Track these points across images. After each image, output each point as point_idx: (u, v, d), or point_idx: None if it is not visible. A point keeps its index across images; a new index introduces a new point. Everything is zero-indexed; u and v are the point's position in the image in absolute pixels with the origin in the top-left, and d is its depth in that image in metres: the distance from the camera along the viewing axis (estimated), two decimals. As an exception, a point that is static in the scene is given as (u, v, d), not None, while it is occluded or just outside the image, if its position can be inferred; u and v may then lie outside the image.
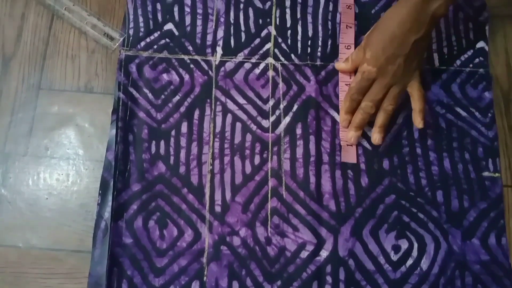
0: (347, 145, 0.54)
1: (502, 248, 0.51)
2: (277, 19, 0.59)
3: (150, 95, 0.56)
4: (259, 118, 0.55)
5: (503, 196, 0.53)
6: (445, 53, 0.58)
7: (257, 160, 0.54)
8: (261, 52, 0.58)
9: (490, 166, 0.54)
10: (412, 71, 0.53)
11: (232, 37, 0.58)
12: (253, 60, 0.57)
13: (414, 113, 0.53)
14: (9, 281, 0.50)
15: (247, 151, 0.54)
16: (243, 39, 0.58)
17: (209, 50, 0.58)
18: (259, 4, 0.60)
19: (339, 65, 0.56)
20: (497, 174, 0.54)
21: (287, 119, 0.55)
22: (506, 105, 0.57)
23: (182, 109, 0.56)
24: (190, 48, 0.58)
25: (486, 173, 0.54)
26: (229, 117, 0.55)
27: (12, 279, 0.50)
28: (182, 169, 0.53)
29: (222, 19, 0.59)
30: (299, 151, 0.54)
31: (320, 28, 0.59)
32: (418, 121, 0.53)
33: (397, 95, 0.53)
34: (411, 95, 0.54)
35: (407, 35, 0.50)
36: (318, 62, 0.57)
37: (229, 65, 0.57)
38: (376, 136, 0.53)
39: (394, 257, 0.51)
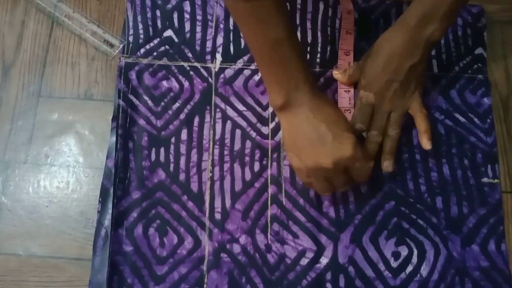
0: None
1: (501, 254, 0.51)
2: (276, 26, 0.59)
3: (150, 102, 0.56)
4: (258, 125, 0.55)
5: (502, 202, 0.53)
6: (443, 60, 0.58)
7: (256, 167, 0.54)
8: (260, 58, 0.58)
9: (489, 172, 0.54)
10: (410, 94, 0.52)
11: (231, 44, 0.59)
12: (253, 66, 0.58)
13: (420, 134, 0.53)
14: (9, 289, 0.50)
15: (247, 158, 0.54)
16: (242, 46, 0.58)
17: (208, 57, 0.58)
18: (258, 11, 0.60)
19: (336, 74, 0.56)
20: (496, 180, 0.54)
21: (287, 125, 0.55)
22: (504, 111, 0.57)
23: (182, 116, 0.56)
24: (190, 55, 0.58)
25: (485, 179, 0.54)
26: (228, 124, 0.55)
27: (13, 287, 0.50)
28: (182, 176, 0.54)
29: (221, 26, 0.59)
30: None
31: (319, 34, 0.59)
32: (425, 142, 0.52)
33: (398, 119, 0.53)
34: (414, 117, 0.53)
35: (401, 61, 0.50)
36: (318, 69, 0.58)
37: (229, 72, 0.57)
38: (387, 164, 0.53)
39: (394, 264, 0.51)
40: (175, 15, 0.60)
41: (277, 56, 0.45)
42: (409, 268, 0.51)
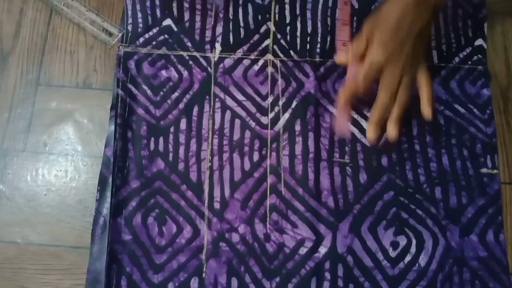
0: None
1: (500, 244, 0.52)
2: (276, 15, 0.59)
3: (149, 91, 0.56)
4: (258, 115, 0.55)
5: (501, 192, 0.53)
6: (443, 50, 0.58)
7: (256, 156, 0.54)
8: (260, 48, 0.58)
9: (488, 162, 0.54)
10: (419, 59, 0.52)
11: (231, 33, 0.58)
12: (252, 56, 0.57)
13: (422, 103, 0.52)
14: (7, 277, 0.50)
15: (246, 148, 0.54)
16: (242, 35, 0.58)
17: (208, 47, 0.58)
18: (258, 0, 0.60)
19: (339, 57, 0.56)
20: (495, 171, 0.54)
21: (286, 115, 0.55)
22: (504, 102, 0.57)
23: (181, 105, 0.55)
24: (189, 44, 0.58)
25: (484, 170, 0.54)
26: (228, 114, 0.55)
27: (11, 275, 0.50)
28: (181, 166, 0.53)
29: (221, 15, 0.59)
30: (298, 148, 0.54)
31: (319, 24, 0.59)
32: (426, 111, 0.52)
33: (409, 85, 0.52)
34: (420, 83, 0.53)
35: (412, 23, 0.50)
36: (317, 59, 0.57)
37: (228, 62, 0.57)
38: (392, 128, 0.52)
39: (393, 254, 0.51)
40: (174, 4, 0.59)
41: None
42: (408, 258, 0.51)
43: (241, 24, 0.59)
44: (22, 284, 0.50)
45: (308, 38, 0.58)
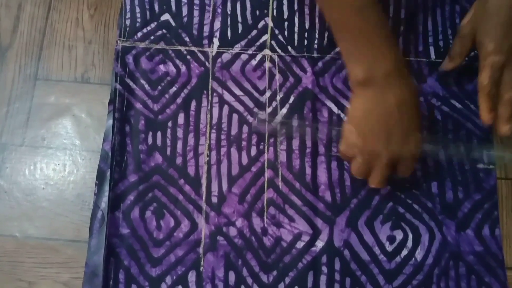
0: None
1: (495, 239, 0.52)
2: (274, 11, 0.59)
3: (147, 86, 0.56)
4: (255, 110, 0.56)
5: (497, 188, 0.54)
6: (441, 46, 0.58)
7: (253, 151, 0.54)
8: (258, 43, 0.58)
9: (484, 158, 0.54)
10: None
11: (229, 28, 0.58)
12: (250, 51, 0.57)
13: None
14: (6, 270, 0.51)
15: (244, 143, 0.54)
16: (240, 31, 0.58)
17: (206, 41, 0.58)
18: (256, -5, 0.60)
19: (447, 66, 0.54)
20: (491, 166, 0.54)
21: (284, 110, 0.55)
22: (501, 97, 0.57)
23: (179, 100, 0.56)
24: (187, 39, 0.58)
25: (480, 165, 0.54)
26: (225, 109, 0.56)
27: (9, 268, 0.51)
28: (178, 160, 0.54)
29: (219, 10, 0.59)
30: (295, 143, 0.54)
31: (317, 20, 0.59)
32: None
33: None
34: None
35: None
36: (315, 54, 0.58)
37: (226, 57, 0.57)
38: (507, 128, 0.48)
39: (389, 248, 0.51)
40: (173, -1, 0.60)
41: (360, 22, 0.43)
42: (404, 252, 0.51)
43: (239, 19, 0.59)
44: (20, 278, 0.50)
45: (306, 33, 0.59)
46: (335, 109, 0.56)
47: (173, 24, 0.58)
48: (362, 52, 0.44)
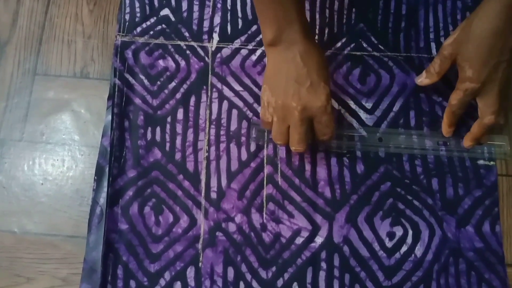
0: None
1: (496, 235, 0.52)
2: (274, 6, 0.59)
3: (146, 81, 0.56)
4: (255, 105, 0.55)
5: (497, 184, 0.53)
6: (442, 43, 0.58)
7: (253, 147, 0.54)
8: (258, 39, 0.58)
9: (485, 154, 0.54)
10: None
11: (229, 24, 0.58)
12: (250, 46, 0.57)
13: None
14: (4, 266, 0.50)
15: (243, 138, 0.54)
16: (240, 26, 0.58)
17: (205, 37, 0.58)
18: (256, -9, 0.59)
19: (422, 81, 0.54)
20: (492, 163, 0.54)
21: (284, 106, 0.55)
22: (502, 93, 0.57)
23: (178, 95, 0.55)
24: (187, 34, 0.58)
25: (481, 161, 0.54)
26: (225, 104, 0.55)
27: (8, 264, 0.50)
28: (178, 156, 0.53)
29: (219, 5, 0.59)
30: None
31: (317, 16, 0.59)
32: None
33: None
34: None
35: (505, 39, 0.47)
36: (315, 50, 0.57)
37: (226, 52, 0.57)
38: (470, 144, 0.54)
39: (389, 244, 0.51)
40: (172, -6, 0.59)
41: None
42: (404, 248, 0.51)
43: (239, 14, 0.58)
44: (18, 273, 0.50)
45: (306, 29, 0.58)
46: (335, 105, 0.55)
47: (173, 19, 0.58)
48: (275, 15, 0.46)
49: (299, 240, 0.51)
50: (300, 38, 0.47)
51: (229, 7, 0.59)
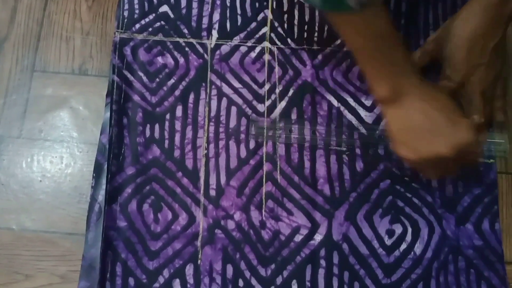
0: None
1: (495, 233, 0.52)
2: (274, 3, 0.59)
3: (144, 78, 0.56)
4: (254, 102, 0.55)
5: (497, 182, 0.53)
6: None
7: (252, 144, 0.54)
8: (257, 36, 0.57)
9: (484, 152, 0.54)
10: (497, 74, 0.50)
11: (228, 21, 0.58)
12: (249, 43, 0.57)
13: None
14: (3, 263, 0.50)
15: (242, 135, 0.54)
16: (239, 23, 0.58)
17: (204, 33, 0.57)
18: (255, -13, 0.59)
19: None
20: (491, 160, 0.54)
21: (283, 103, 0.55)
22: (502, 92, 0.57)
23: (177, 92, 0.55)
24: (186, 31, 0.57)
25: (480, 159, 0.54)
26: (224, 101, 0.55)
27: (6, 261, 0.50)
28: (176, 153, 0.53)
29: (218, 2, 0.58)
30: (294, 136, 0.54)
31: (317, 12, 0.59)
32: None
33: (502, 91, 0.52)
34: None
35: (485, 41, 0.48)
36: (315, 47, 0.57)
37: (225, 49, 0.57)
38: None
39: (388, 242, 0.51)
40: (171, -9, 0.59)
41: (381, 49, 0.44)
42: (403, 246, 0.51)
43: (239, 11, 0.58)
44: (17, 271, 0.50)
45: (306, 26, 0.58)
46: (334, 102, 0.55)
47: (172, 15, 0.58)
48: (386, 72, 0.45)
49: (298, 238, 0.51)
50: (416, 86, 0.45)
51: (228, 4, 0.58)
